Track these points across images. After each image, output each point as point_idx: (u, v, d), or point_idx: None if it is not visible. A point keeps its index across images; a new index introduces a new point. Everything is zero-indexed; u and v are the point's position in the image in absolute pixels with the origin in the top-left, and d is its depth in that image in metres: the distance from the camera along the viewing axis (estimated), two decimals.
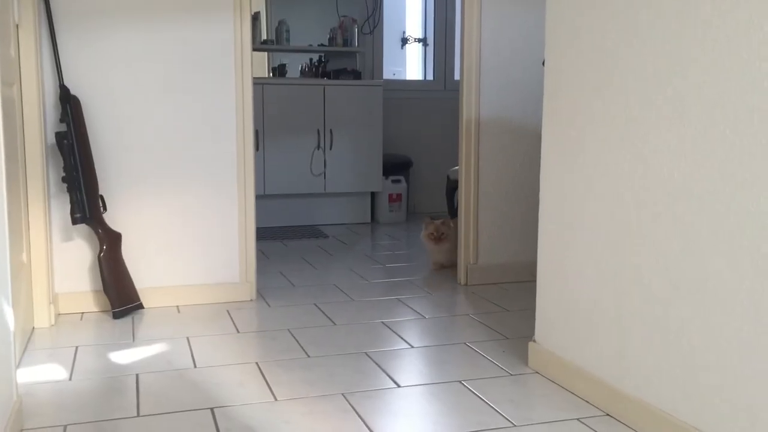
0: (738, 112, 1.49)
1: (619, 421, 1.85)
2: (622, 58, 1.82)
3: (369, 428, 1.81)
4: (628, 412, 1.82)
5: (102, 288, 2.74)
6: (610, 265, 1.89)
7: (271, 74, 5.31)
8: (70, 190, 2.66)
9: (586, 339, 2.00)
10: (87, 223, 2.71)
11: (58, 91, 2.67)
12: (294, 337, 2.52)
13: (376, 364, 2.27)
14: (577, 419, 1.87)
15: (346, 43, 5.32)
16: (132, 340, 2.50)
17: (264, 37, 5.20)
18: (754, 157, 1.46)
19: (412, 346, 2.44)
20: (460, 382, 2.12)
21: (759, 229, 1.46)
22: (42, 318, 2.62)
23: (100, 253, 2.72)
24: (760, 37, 1.44)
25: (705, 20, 1.57)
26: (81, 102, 2.70)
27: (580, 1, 1.97)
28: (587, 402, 1.97)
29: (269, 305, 2.95)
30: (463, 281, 3.30)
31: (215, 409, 1.91)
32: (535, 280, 2.24)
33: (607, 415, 1.89)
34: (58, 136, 2.63)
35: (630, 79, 1.79)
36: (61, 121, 2.66)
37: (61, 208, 2.75)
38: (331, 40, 5.32)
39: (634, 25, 1.77)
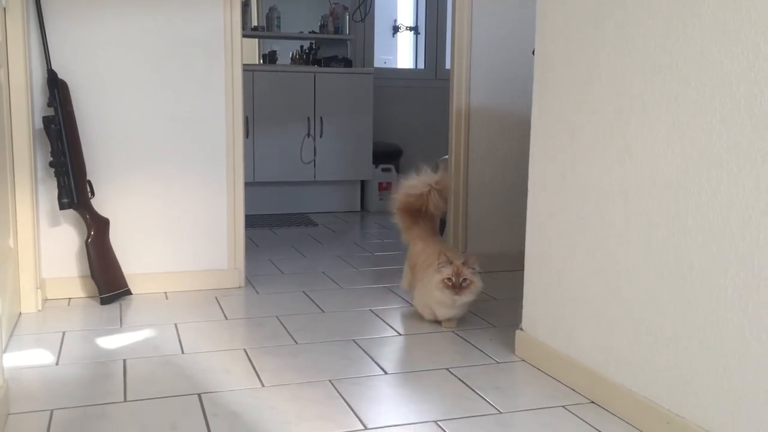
0: (725, 102, 1.50)
1: (604, 408, 1.86)
2: (611, 49, 1.83)
3: (356, 414, 1.82)
4: (613, 400, 1.84)
5: (89, 274, 2.74)
6: (596, 255, 1.91)
7: (261, 61, 5.29)
8: (57, 174, 2.65)
9: (572, 327, 2.02)
10: (75, 209, 2.70)
11: (46, 75, 2.65)
12: (282, 324, 2.53)
13: (364, 351, 2.28)
14: (563, 407, 1.88)
15: (337, 30, 5.30)
16: (119, 325, 2.50)
17: (254, 23, 5.18)
18: (741, 147, 1.47)
19: (400, 334, 2.45)
20: (447, 369, 2.13)
21: (744, 219, 1.47)
22: (29, 303, 2.62)
23: (87, 238, 2.71)
24: (749, 29, 1.44)
25: (694, 11, 1.57)
26: (69, 86, 2.68)
27: None
28: (573, 390, 1.98)
29: (258, 292, 2.95)
30: None
31: (202, 395, 1.92)
32: (522, 270, 2.25)
33: (592, 402, 1.90)
34: (46, 120, 2.61)
35: (619, 69, 1.80)
36: (49, 105, 2.64)
37: (49, 193, 2.73)
38: (322, 28, 5.30)
39: (624, 15, 1.78)
